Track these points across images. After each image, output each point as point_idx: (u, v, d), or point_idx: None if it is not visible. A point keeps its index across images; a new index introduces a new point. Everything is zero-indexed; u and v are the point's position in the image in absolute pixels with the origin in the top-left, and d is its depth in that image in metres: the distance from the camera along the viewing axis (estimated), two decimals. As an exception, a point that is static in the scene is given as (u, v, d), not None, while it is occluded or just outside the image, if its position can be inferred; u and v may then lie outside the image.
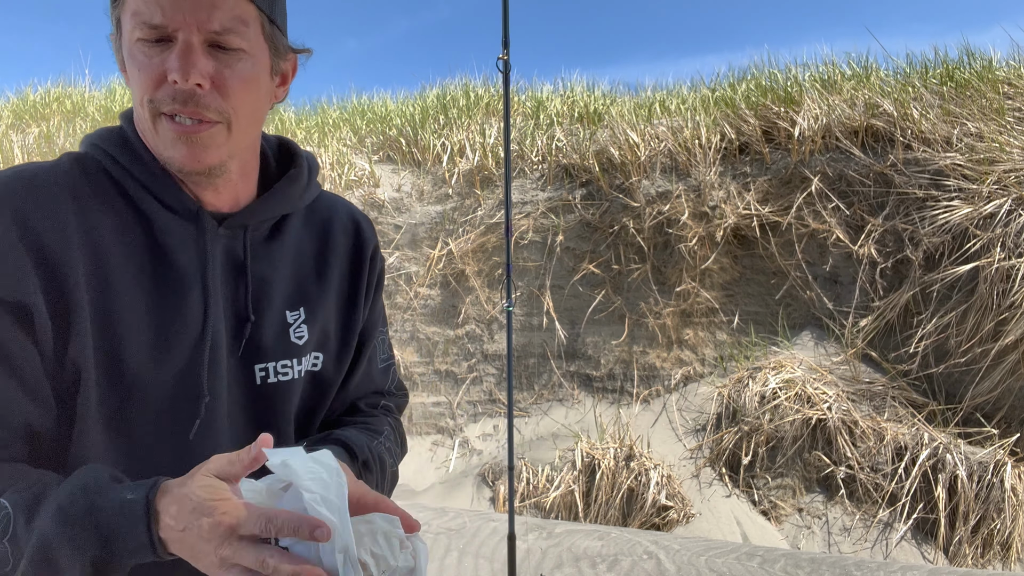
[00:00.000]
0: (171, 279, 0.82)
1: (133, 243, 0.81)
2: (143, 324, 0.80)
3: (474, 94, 7.51)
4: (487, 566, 3.21)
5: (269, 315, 0.90)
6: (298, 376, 0.92)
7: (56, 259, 0.76)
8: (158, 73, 0.76)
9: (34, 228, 0.75)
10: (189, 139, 0.79)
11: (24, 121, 7.85)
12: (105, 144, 0.83)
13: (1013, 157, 4.70)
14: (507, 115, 2.41)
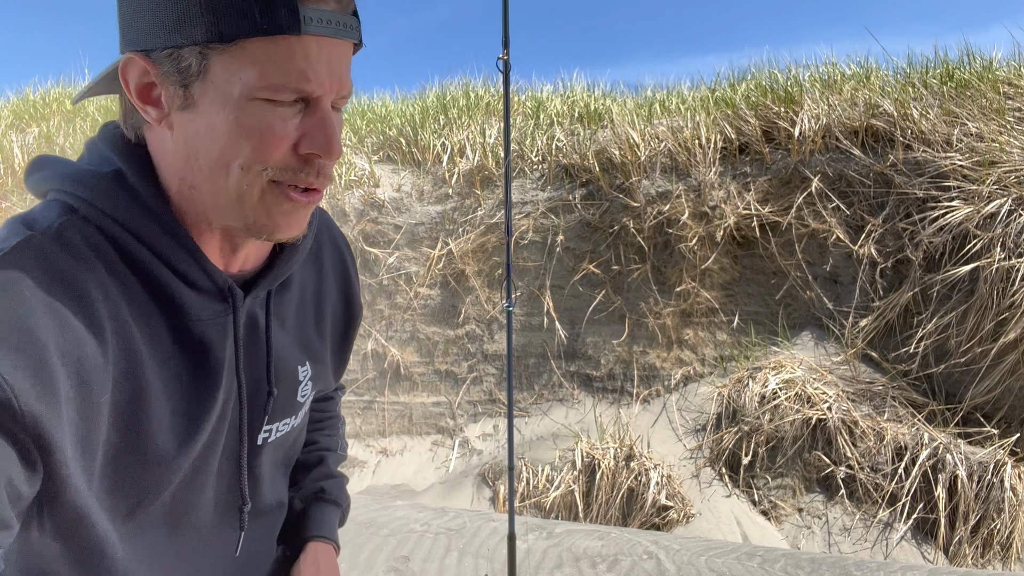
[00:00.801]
0: (203, 376, 0.71)
1: (155, 327, 0.68)
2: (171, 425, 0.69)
3: (474, 94, 7.51)
4: (487, 566, 3.21)
5: (287, 378, 0.84)
6: (293, 428, 0.89)
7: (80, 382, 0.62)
8: (290, 140, 0.66)
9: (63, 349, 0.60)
10: (304, 209, 0.70)
11: (24, 121, 7.86)
12: (111, 209, 0.66)
13: (1013, 157, 4.70)
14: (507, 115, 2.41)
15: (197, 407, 0.71)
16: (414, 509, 3.99)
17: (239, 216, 0.69)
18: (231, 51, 0.62)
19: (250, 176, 0.66)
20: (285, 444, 0.89)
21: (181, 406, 0.70)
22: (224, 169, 0.66)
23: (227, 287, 0.72)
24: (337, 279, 0.93)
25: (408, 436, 5.37)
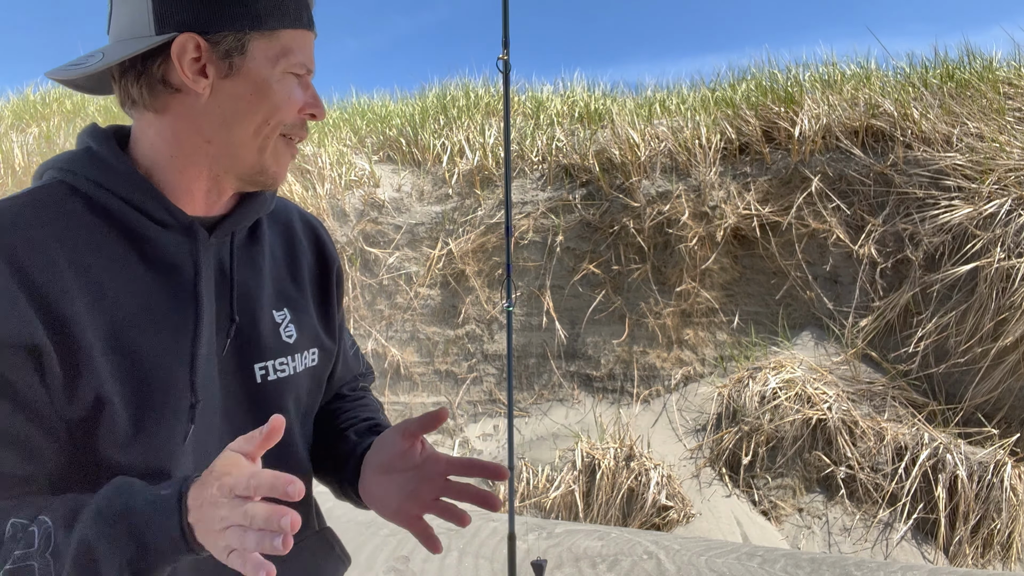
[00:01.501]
0: (170, 295, 0.84)
1: (128, 267, 0.82)
2: (158, 342, 0.82)
3: (474, 94, 7.51)
4: (487, 566, 3.21)
5: (260, 316, 0.93)
6: (294, 372, 0.96)
7: (53, 302, 0.75)
8: (299, 103, 0.88)
9: (27, 272, 0.75)
10: (292, 155, 0.91)
11: (24, 121, 7.86)
12: (82, 169, 0.83)
13: (1013, 157, 4.70)
14: (507, 115, 2.41)
15: (180, 322, 0.84)
16: (414, 509, 3.99)
17: (255, 162, 0.88)
18: (269, 36, 0.84)
19: (273, 129, 0.86)
20: (292, 390, 0.97)
21: (164, 323, 0.83)
22: (256, 121, 0.85)
23: (189, 223, 0.86)
24: (309, 240, 1.08)
25: (408, 436, 5.37)
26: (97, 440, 0.79)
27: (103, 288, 0.79)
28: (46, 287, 0.75)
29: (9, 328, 0.72)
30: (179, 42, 0.81)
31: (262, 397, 0.92)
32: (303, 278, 1.03)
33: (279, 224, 1.03)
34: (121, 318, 0.80)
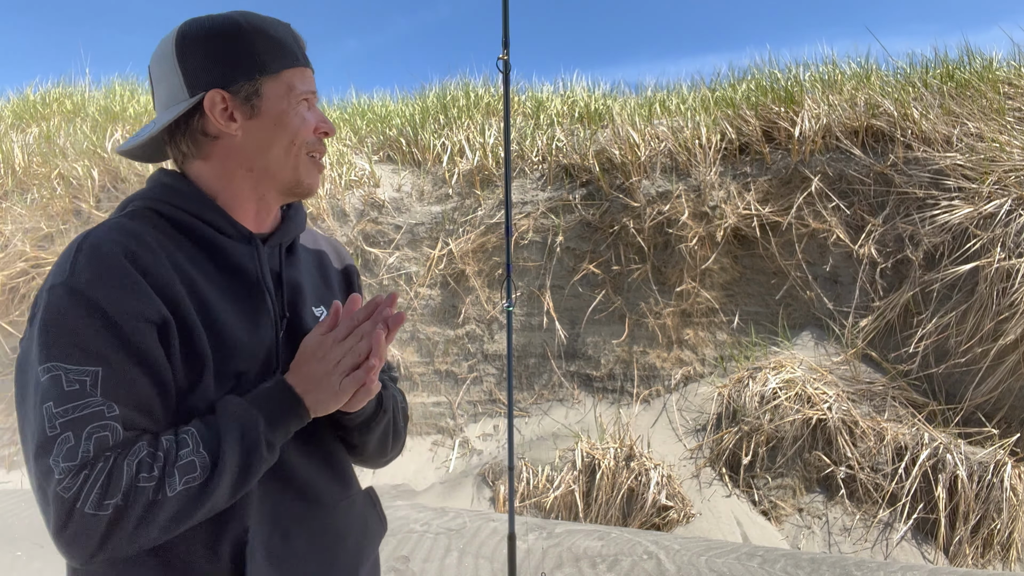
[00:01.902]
0: (245, 287, 1.06)
1: (208, 267, 1.04)
2: (238, 323, 1.03)
3: (474, 94, 7.51)
4: (487, 566, 3.21)
5: (304, 311, 1.14)
6: None
7: (166, 287, 0.96)
8: (312, 124, 1.11)
9: (146, 267, 0.95)
10: (320, 168, 1.15)
11: (24, 121, 7.86)
12: (162, 196, 1.06)
13: (1013, 157, 4.70)
14: (507, 115, 2.41)
15: (250, 308, 1.06)
16: (414, 509, 3.99)
17: (291, 178, 1.11)
18: (276, 78, 1.07)
19: (299, 148, 1.09)
20: None
21: (241, 310, 1.04)
22: (285, 146, 1.08)
23: (248, 233, 1.08)
24: (334, 255, 1.32)
25: (408, 436, 5.36)
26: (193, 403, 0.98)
27: (193, 281, 0.99)
28: (158, 277, 0.95)
29: (140, 307, 0.92)
30: (209, 98, 1.04)
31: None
32: (332, 283, 1.27)
33: (312, 245, 1.28)
34: (210, 304, 1.00)
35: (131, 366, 0.91)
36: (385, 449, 1.24)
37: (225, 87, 1.04)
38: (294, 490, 1.08)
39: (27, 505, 4.30)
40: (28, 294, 5.96)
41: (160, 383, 0.94)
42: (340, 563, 1.13)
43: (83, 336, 0.89)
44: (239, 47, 1.05)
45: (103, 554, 0.86)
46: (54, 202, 6.27)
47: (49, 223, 6.19)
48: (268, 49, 1.07)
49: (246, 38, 1.06)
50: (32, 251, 6.03)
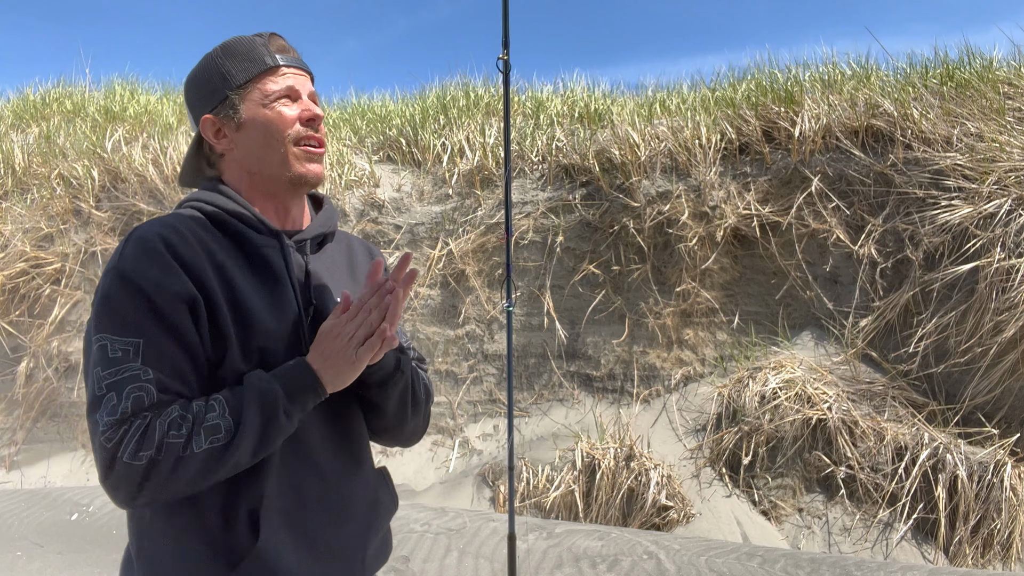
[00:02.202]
0: (270, 276, 1.20)
1: (238, 258, 1.18)
2: (262, 307, 1.16)
3: (474, 94, 7.50)
4: (487, 566, 3.21)
5: (329, 302, 1.26)
6: None
7: (198, 273, 1.10)
8: (294, 118, 1.21)
9: (181, 255, 1.10)
10: (317, 157, 1.24)
11: (24, 121, 7.86)
12: (205, 198, 1.22)
13: (1013, 157, 4.70)
14: (507, 115, 2.41)
15: (275, 295, 1.19)
16: (414, 509, 3.99)
17: (285, 171, 1.21)
18: (249, 88, 1.21)
19: (286, 143, 1.20)
20: None
21: (266, 296, 1.17)
22: (271, 145, 1.20)
23: (274, 230, 1.22)
24: (363, 254, 1.44)
25: (408, 436, 5.37)
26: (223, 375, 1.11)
27: (223, 268, 1.14)
28: (190, 263, 1.10)
29: (174, 286, 1.07)
30: (202, 123, 1.23)
31: None
32: (359, 278, 1.38)
33: (341, 244, 1.41)
34: (237, 288, 1.14)
35: (165, 337, 1.06)
36: (405, 414, 1.32)
37: (211, 111, 1.22)
38: (310, 463, 1.18)
39: (27, 505, 4.30)
40: (28, 294, 5.96)
41: (190, 352, 1.09)
42: (348, 532, 1.22)
43: (126, 312, 1.05)
44: (211, 73, 1.22)
45: (141, 498, 1.00)
46: (54, 202, 6.26)
47: (49, 223, 6.19)
48: (235, 65, 1.21)
49: (216, 63, 1.22)
50: (32, 251, 6.03)
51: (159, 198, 6.17)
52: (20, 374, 5.73)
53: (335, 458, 1.22)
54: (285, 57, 1.23)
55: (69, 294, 5.94)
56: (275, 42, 1.24)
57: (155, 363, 1.04)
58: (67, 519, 4.02)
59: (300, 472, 1.17)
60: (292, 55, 1.25)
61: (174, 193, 6.15)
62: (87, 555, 3.55)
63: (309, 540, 1.16)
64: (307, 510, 1.16)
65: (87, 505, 4.17)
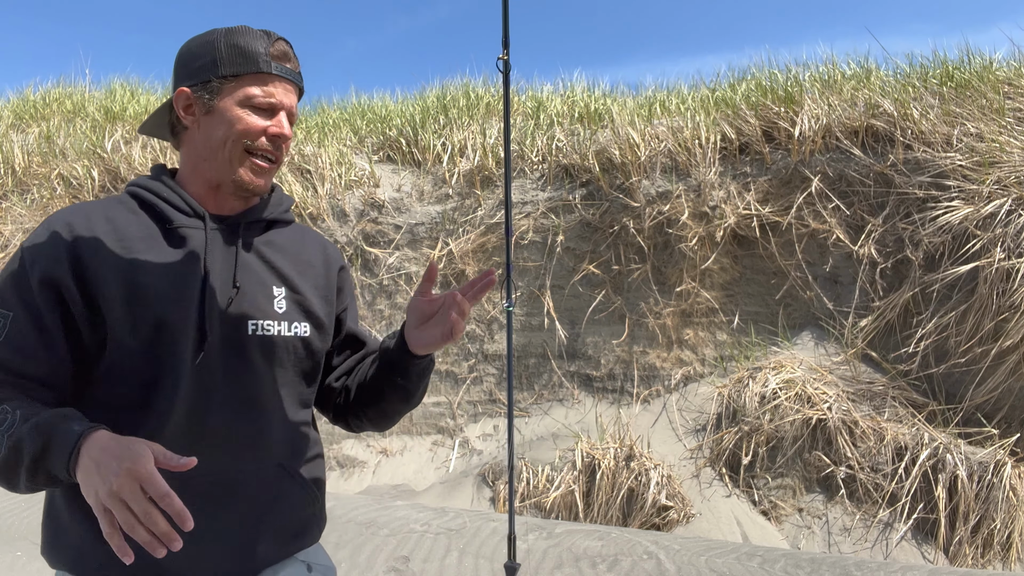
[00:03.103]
0: (186, 254, 1.20)
1: (156, 237, 1.20)
2: (166, 284, 1.16)
3: (474, 94, 7.51)
4: (487, 566, 3.21)
5: (259, 288, 1.26)
6: (279, 334, 1.27)
7: (87, 255, 1.13)
8: (260, 129, 1.22)
9: (75, 238, 1.14)
10: (264, 171, 1.26)
11: (24, 121, 7.86)
12: (140, 182, 1.27)
13: (1013, 157, 4.70)
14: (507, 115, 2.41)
15: (188, 272, 1.19)
16: (414, 509, 3.99)
17: (228, 173, 1.23)
18: (234, 82, 1.21)
19: (236, 146, 1.21)
20: (276, 346, 1.26)
21: (175, 273, 1.18)
22: (225, 143, 1.22)
23: (202, 213, 1.24)
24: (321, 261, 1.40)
25: (408, 436, 5.37)
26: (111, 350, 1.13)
27: (131, 249, 1.17)
28: (81, 245, 1.14)
29: (46, 269, 1.11)
30: (176, 94, 1.25)
31: (250, 345, 1.23)
32: (307, 275, 1.35)
33: (294, 235, 1.39)
34: (141, 267, 1.15)
35: (24, 315, 1.11)
36: (414, 401, 1.37)
37: (190, 86, 1.24)
38: (204, 442, 1.16)
39: (27, 505, 4.30)
40: (28, 294, 5.96)
41: (45, 333, 1.11)
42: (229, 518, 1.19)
43: (4, 286, 1.13)
44: (206, 52, 1.23)
45: None
46: (54, 202, 6.26)
47: (49, 223, 6.19)
48: (232, 56, 1.22)
49: (215, 45, 1.23)
50: (32, 251, 6.03)
51: (159, 198, 6.18)
52: (20, 374, 5.73)
53: (230, 442, 1.20)
54: (280, 67, 1.24)
55: (69, 294, 5.94)
56: (278, 47, 1.25)
57: (8, 336, 1.10)
58: (67, 519, 4.01)
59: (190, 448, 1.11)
60: (288, 66, 1.26)
61: (174, 193, 6.16)
62: (87, 555, 3.54)
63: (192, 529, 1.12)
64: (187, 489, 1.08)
65: (87, 505, 4.15)
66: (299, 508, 1.31)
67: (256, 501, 1.23)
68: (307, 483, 1.32)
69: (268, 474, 1.25)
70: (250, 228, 1.29)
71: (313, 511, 1.34)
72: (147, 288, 1.15)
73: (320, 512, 1.38)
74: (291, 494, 1.29)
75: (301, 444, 1.32)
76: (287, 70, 1.25)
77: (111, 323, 1.13)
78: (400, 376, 1.30)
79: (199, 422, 1.17)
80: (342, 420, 1.44)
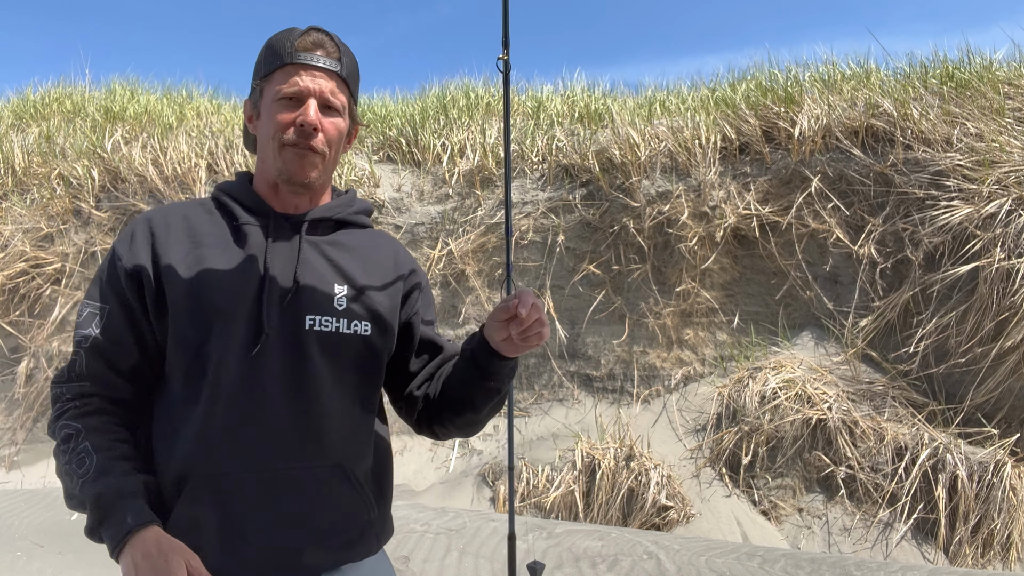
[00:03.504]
0: (246, 252, 1.24)
1: (224, 234, 1.26)
2: (225, 278, 1.21)
3: (474, 94, 7.51)
4: (487, 566, 3.21)
5: (319, 284, 1.27)
6: (337, 331, 1.26)
7: (163, 250, 1.22)
8: (290, 119, 1.24)
9: (153, 229, 1.25)
10: (305, 159, 1.26)
11: (24, 121, 7.85)
12: (222, 186, 1.35)
13: (1013, 157, 4.70)
14: (507, 115, 2.41)
15: (247, 266, 1.23)
16: (414, 509, 3.99)
17: (275, 165, 1.27)
18: (268, 80, 1.27)
19: (275, 141, 1.25)
20: (332, 343, 1.25)
21: (236, 266, 1.23)
22: (266, 142, 1.27)
23: (268, 212, 1.29)
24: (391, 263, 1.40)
25: (408, 436, 5.37)
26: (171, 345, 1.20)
27: (201, 245, 1.24)
28: (160, 241, 1.23)
29: (131, 261, 1.21)
30: (244, 106, 1.37)
31: (308, 340, 1.23)
32: (373, 275, 1.35)
33: (367, 239, 1.40)
34: (207, 265, 1.21)
35: (115, 304, 1.22)
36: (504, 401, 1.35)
37: (249, 96, 1.33)
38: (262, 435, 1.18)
39: (27, 505, 4.30)
40: (28, 294, 5.96)
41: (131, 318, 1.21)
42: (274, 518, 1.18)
43: (99, 280, 1.25)
44: (257, 59, 1.32)
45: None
46: (54, 202, 6.26)
47: (49, 223, 6.19)
48: (266, 57, 1.28)
49: (262, 51, 1.31)
50: (32, 251, 6.03)
51: (159, 198, 6.17)
52: (20, 374, 5.73)
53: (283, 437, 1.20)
54: (306, 56, 1.25)
55: (69, 294, 5.94)
56: (306, 38, 1.27)
57: (105, 327, 1.21)
58: (67, 519, 4.01)
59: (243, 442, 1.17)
60: (318, 53, 1.26)
61: (174, 193, 6.15)
62: (87, 555, 3.55)
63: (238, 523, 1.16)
64: (238, 484, 1.16)
65: (87, 505, 4.16)
66: (352, 513, 1.26)
67: (306, 501, 1.20)
68: (363, 488, 1.28)
69: (321, 474, 1.22)
70: (315, 226, 1.32)
71: (370, 519, 1.29)
72: (208, 282, 1.20)
73: (380, 522, 1.32)
74: (344, 497, 1.25)
75: (360, 446, 1.29)
76: (315, 57, 1.26)
77: (173, 314, 1.19)
78: (492, 380, 1.27)
79: (253, 416, 1.18)
80: (427, 429, 1.41)
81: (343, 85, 1.29)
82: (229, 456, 1.16)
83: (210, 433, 1.16)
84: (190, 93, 8.38)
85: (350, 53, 1.33)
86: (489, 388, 1.28)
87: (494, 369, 1.26)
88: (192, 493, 1.15)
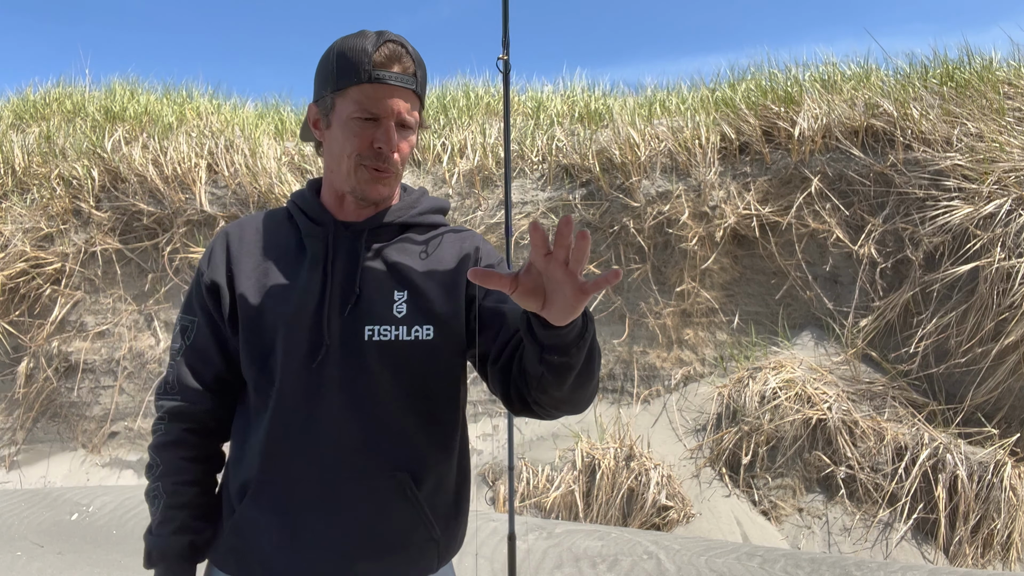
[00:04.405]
0: (309, 263, 1.27)
1: (292, 245, 1.30)
2: (288, 290, 1.25)
3: (474, 94, 7.51)
4: (487, 566, 3.21)
5: (379, 293, 1.25)
6: (396, 339, 1.23)
7: (238, 264, 1.28)
8: (367, 140, 1.22)
9: (229, 248, 1.31)
10: (380, 180, 1.26)
11: (24, 121, 7.85)
12: (294, 195, 1.37)
13: (1013, 157, 4.70)
14: (507, 115, 2.41)
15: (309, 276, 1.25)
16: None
17: (347, 182, 1.26)
18: (343, 94, 1.22)
19: (351, 160, 1.24)
20: (396, 354, 1.23)
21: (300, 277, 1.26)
22: (340, 158, 1.25)
23: (331, 222, 1.30)
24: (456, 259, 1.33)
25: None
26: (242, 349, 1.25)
27: (269, 257, 1.29)
28: (234, 254, 1.29)
29: (210, 275, 1.28)
30: (309, 108, 1.32)
31: (367, 350, 1.22)
32: (435, 274, 1.30)
33: (435, 237, 1.36)
34: (273, 276, 1.26)
35: (201, 317, 1.30)
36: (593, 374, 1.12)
37: (316, 101, 1.30)
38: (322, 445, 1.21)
39: (27, 505, 4.30)
40: (28, 294, 5.96)
41: (214, 329, 1.30)
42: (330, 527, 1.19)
43: (189, 295, 1.33)
44: (325, 67, 1.26)
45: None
46: (54, 202, 6.26)
47: (49, 223, 6.19)
48: (341, 68, 1.22)
49: (330, 59, 1.25)
50: (32, 251, 6.03)
51: (159, 198, 6.17)
52: (20, 374, 5.73)
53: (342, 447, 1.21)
54: (384, 73, 1.20)
55: (69, 294, 5.94)
56: (382, 52, 1.20)
57: (194, 339, 1.30)
58: (67, 519, 4.02)
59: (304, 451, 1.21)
60: (396, 70, 1.21)
61: (174, 193, 6.15)
62: (87, 555, 3.55)
63: (293, 528, 1.19)
64: (295, 492, 1.20)
65: (87, 505, 4.17)
66: (410, 529, 1.22)
67: (362, 511, 1.19)
68: (422, 503, 1.23)
69: (379, 485, 1.20)
70: (376, 233, 1.31)
71: (430, 536, 1.24)
72: (272, 293, 1.25)
73: (443, 540, 1.27)
74: (402, 511, 1.21)
75: (423, 459, 1.24)
76: (394, 75, 1.20)
77: (243, 326, 1.25)
78: (555, 354, 1.05)
79: (313, 426, 1.20)
80: (527, 410, 1.20)
81: (417, 100, 1.26)
82: (290, 464, 1.20)
83: (273, 441, 1.20)
84: (190, 93, 8.38)
85: (421, 61, 1.27)
86: (553, 363, 1.06)
87: (552, 342, 1.04)
88: (254, 497, 1.21)
